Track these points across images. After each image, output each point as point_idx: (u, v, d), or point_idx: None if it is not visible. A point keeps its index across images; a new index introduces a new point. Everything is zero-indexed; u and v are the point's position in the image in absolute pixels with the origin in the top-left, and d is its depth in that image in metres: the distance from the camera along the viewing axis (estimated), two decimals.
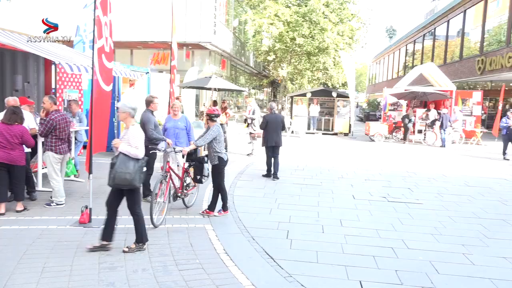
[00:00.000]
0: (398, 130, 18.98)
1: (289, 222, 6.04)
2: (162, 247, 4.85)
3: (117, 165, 4.53)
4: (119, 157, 4.59)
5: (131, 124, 4.72)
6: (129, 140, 4.62)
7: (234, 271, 4.28)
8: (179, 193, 6.23)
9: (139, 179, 4.61)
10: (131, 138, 4.63)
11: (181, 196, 6.28)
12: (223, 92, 23.87)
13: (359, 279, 4.23)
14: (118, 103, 5.09)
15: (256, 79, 39.06)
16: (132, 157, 4.59)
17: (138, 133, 4.72)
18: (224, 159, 6.22)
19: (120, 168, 4.50)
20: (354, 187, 8.62)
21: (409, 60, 40.36)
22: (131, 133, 4.66)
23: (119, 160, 4.56)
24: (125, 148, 4.59)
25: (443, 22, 31.00)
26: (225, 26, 22.57)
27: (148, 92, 12.24)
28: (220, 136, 6.16)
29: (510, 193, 8.57)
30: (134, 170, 4.54)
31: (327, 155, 13.44)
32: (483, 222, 6.38)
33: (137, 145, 4.62)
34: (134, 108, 4.73)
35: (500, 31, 23.25)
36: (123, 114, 4.72)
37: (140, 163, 4.64)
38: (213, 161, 6.16)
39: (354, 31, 23.18)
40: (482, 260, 4.87)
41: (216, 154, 6.12)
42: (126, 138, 4.66)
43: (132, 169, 4.53)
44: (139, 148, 4.63)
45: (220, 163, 6.17)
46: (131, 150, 4.58)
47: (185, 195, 6.39)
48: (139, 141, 4.65)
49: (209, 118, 6.21)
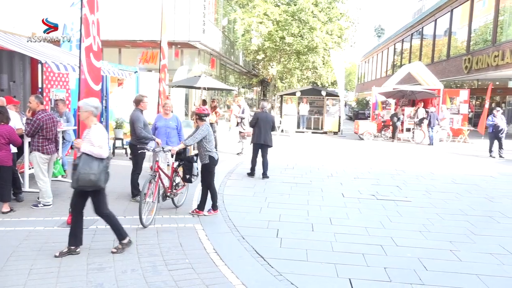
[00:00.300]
0: (387, 128, 19.15)
1: (279, 220, 6.05)
2: (152, 247, 4.82)
3: (80, 166, 4.35)
4: (81, 158, 4.40)
5: (93, 123, 4.54)
6: (91, 140, 4.44)
7: (224, 271, 4.28)
8: (169, 193, 6.18)
9: (104, 180, 4.45)
10: (93, 138, 4.44)
11: (170, 195, 6.23)
12: (212, 91, 23.80)
13: (348, 276, 4.26)
14: (79, 102, 4.93)
15: (246, 78, 39.02)
16: (96, 157, 4.41)
17: (101, 132, 4.53)
18: (215, 158, 6.20)
19: (83, 169, 4.32)
20: (344, 185, 8.67)
21: (397, 59, 40.71)
22: (93, 133, 4.48)
23: (82, 161, 4.37)
24: (87, 148, 4.40)
25: (430, 21, 31.32)
26: (214, 25, 22.50)
27: (136, 91, 12.15)
28: (210, 135, 6.13)
29: (496, 190, 8.69)
30: (99, 171, 4.38)
31: (316, 154, 13.49)
32: (470, 219, 6.47)
33: (100, 145, 4.44)
34: (96, 107, 4.55)
35: (486, 31, 23.57)
36: (85, 113, 4.51)
37: (104, 163, 4.47)
38: (204, 160, 6.12)
39: (343, 30, 23.30)
40: (469, 256, 4.93)
41: (207, 153, 6.10)
42: (88, 137, 4.47)
43: (97, 169, 4.36)
44: (102, 147, 4.44)
45: (211, 162, 6.14)
46: (94, 149, 4.39)
47: (174, 195, 6.34)
48: (102, 140, 4.48)
49: (198, 118, 6.17)
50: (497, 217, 6.68)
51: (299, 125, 21.29)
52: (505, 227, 6.15)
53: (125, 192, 7.03)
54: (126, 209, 6.24)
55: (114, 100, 11.58)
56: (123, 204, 6.46)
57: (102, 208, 4.61)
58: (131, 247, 4.70)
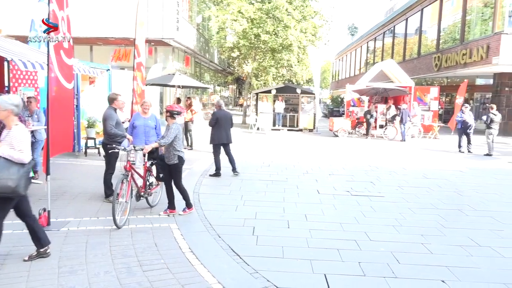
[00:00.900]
0: (361, 125, 19.47)
1: (255, 218, 6.06)
2: (126, 248, 4.73)
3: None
4: None
5: (14, 124, 4.08)
6: (11, 143, 3.98)
7: (200, 270, 4.25)
8: (142, 193, 6.08)
9: (24, 187, 4.00)
10: (14, 140, 3.99)
11: (144, 195, 6.14)
12: (187, 90, 23.59)
13: (324, 272, 4.31)
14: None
15: (221, 76, 38.88)
16: (16, 161, 3.97)
17: (23, 134, 4.07)
18: (183, 158, 6.11)
19: (1, 174, 3.87)
20: (319, 182, 8.77)
21: (370, 57, 41.44)
22: (14, 135, 4.01)
23: None
24: (6, 151, 3.93)
25: (401, 20, 32.00)
26: (188, 22, 22.30)
27: (109, 89, 11.90)
28: (180, 134, 6.03)
29: (465, 184, 8.98)
30: (18, 176, 3.93)
31: (292, 151, 13.58)
32: (440, 213, 6.66)
33: (21, 148, 3.99)
34: (17, 105, 4.09)
35: (455, 30, 24.29)
36: (4, 113, 4.03)
37: (26, 169, 4.04)
38: (172, 160, 5.97)
39: (317, 28, 23.47)
40: (440, 248, 5.08)
41: (176, 153, 5.96)
42: (8, 140, 4.01)
43: (16, 175, 3.92)
44: (23, 151, 4.01)
45: (180, 162, 6.02)
46: (14, 154, 3.94)
47: (148, 194, 6.25)
48: (24, 144, 4.02)
49: (169, 115, 6.01)
50: (466, 210, 6.90)
51: (275, 123, 21.37)
52: (473, 220, 6.36)
53: (98, 192, 6.88)
54: (99, 210, 6.11)
55: (86, 99, 11.31)
56: (96, 205, 6.32)
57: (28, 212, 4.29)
58: (104, 248, 4.60)
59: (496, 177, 9.88)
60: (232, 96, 49.45)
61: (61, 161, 9.45)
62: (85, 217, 5.73)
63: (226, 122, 9.02)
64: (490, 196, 7.90)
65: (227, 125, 9.05)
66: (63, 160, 9.60)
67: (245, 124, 23.78)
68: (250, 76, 24.51)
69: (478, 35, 21.43)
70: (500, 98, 20.61)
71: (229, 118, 9.16)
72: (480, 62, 19.83)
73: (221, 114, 9.06)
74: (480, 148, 14.63)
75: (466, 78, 22.95)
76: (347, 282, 4.12)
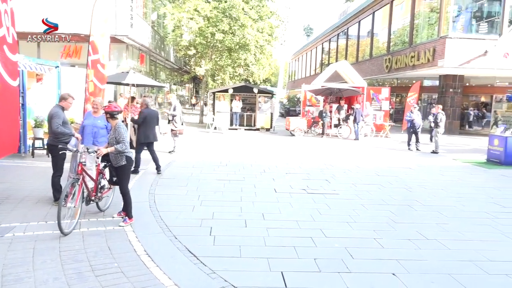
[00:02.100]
0: (316, 124, 19.88)
1: (212, 218, 6.03)
2: (77, 252, 4.54)
3: None
4: None
5: None
6: None
7: (155, 272, 4.16)
8: (93, 197, 5.73)
9: None
10: None
11: (95, 199, 5.78)
12: (142, 88, 23.04)
13: (280, 269, 4.36)
14: None
15: (177, 74, 38.30)
16: None
17: None
18: (132, 158, 5.80)
19: None
20: (276, 181, 8.86)
21: (325, 58, 42.44)
22: None
23: None
24: None
25: (354, 22, 33.03)
26: (143, 19, 21.77)
27: (58, 87, 11.38)
28: (126, 132, 5.73)
29: (414, 180, 9.41)
30: None
31: (249, 151, 13.63)
32: (391, 208, 6.94)
33: None
34: None
35: (404, 33, 25.39)
36: None
37: None
38: (120, 161, 5.59)
39: (273, 28, 23.71)
40: (391, 243, 5.29)
41: (123, 154, 5.59)
42: None
43: None
44: None
45: (128, 163, 5.68)
46: None
47: (99, 199, 5.90)
48: None
49: (109, 117, 5.59)
50: (415, 205, 7.24)
51: (232, 122, 21.36)
52: (422, 214, 6.68)
53: (46, 195, 6.55)
54: (48, 213, 5.82)
55: (33, 97, 10.73)
56: (44, 209, 6.01)
57: None
58: (53, 254, 4.39)
59: (442, 174, 10.44)
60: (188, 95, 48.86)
61: (6, 163, 8.92)
62: (32, 222, 5.44)
63: (152, 121, 9.06)
64: (436, 192, 8.34)
65: (153, 123, 9.09)
66: (8, 162, 9.06)
67: (202, 123, 23.59)
68: (207, 75, 24.34)
69: (425, 38, 22.53)
70: (445, 98, 21.80)
71: (155, 116, 9.16)
72: (427, 64, 20.87)
73: (149, 113, 9.04)
74: (427, 146, 15.38)
75: (414, 79, 24.09)
76: (303, 279, 4.19)
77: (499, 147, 12.22)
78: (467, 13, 21.01)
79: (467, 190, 8.69)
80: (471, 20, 21.02)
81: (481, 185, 9.25)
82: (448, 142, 17.69)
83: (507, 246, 5.33)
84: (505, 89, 22.22)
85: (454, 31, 20.14)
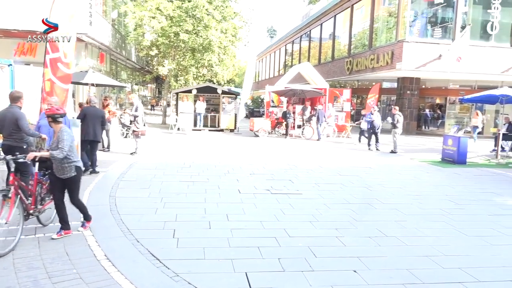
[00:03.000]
0: (280, 125, 20.06)
1: (176, 220, 5.94)
2: (32, 259, 4.34)
3: None
4: None
5: None
6: None
7: (116, 277, 4.05)
8: (31, 210, 5.00)
9: None
10: None
11: (34, 213, 5.07)
12: (102, 88, 22.38)
13: (245, 270, 4.36)
14: None
15: (139, 74, 37.51)
16: None
17: None
18: (82, 168, 5.26)
19: None
20: (240, 182, 8.86)
21: (288, 59, 42.92)
22: None
23: None
24: None
25: (317, 25, 33.63)
26: (102, 17, 21.14)
27: (11, 86, 10.83)
28: (73, 141, 5.09)
29: (374, 179, 9.70)
30: None
31: (213, 152, 13.56)
32: (352, 207, 7.11)
33: None
34: None
35: (364, 36, 26.14)
36: None
37: None
38: (68, 173, 4.98)
39: (237, 29, 23.71)
40: (352, 241, 5.42)
41: (71, 164, 4.99)
42: None
43: None
44: None
45: (78, 174, 5.10)
46: None
47: (39, 212, 5.21)
48: None
49: (52, 121, 4.97)
50: (375, 203, 7.46)
51: (196, 123, 21.16)
52: (381, 212, 6.89)
53: None
54: None
55: None
56: None
57: None
58: (5, 262, 4.18)
59: (400, 173, 10.83)
60: (151, 95, 47.97)
61: None
62: None
63: (94, 119, 8.93)
64: (395, 190, 8.63)
65: (95, 122, 8.94)
66: None
67: (165, 124, 23.22)
68: (170, 76, 23.99)
69: (384, 42, 23.30)
70: (403, 100, 22.62)
71: (99, 115, 9.01)
72: (386, 67, 21.58)
73: (90, 111, 8.93)
74: (387, 146, 15.90)
75: (374, 81, 24.83)
76: (268, 279, 4.21)
77: (452, 146, 12.82)
78: (422, 18, 21.93)
79: (424, 188, 9.06)
80: (426, 25, 21.95)
81: (437, 183, 9.67)
82: (406, 142, 18.36)
83: (460, 241, 5.60)
84: (458, 91, 23.40)
85: (411, 35, 20.94)
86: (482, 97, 14.66)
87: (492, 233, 6.00)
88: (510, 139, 14.43)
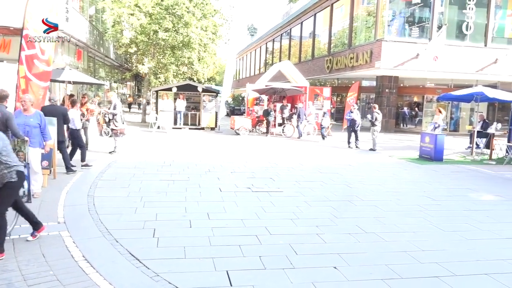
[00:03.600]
0: (261, 123, 20.09)
1: (156, 220, 5.88)
2: (6, 261, 4.22)
3: None
4: None
5: None
6: None
7: (95, 278, 3.98)
8: None
9: None
10: None
11: None
12: (80, 86, 21.94)
13: (226, 269, 4.35)
14: None
15: (118, 72, 36.93)
16: None
17: None
18: (24, 173, 4.76)
19: None
20: (221, 180, 8.83)
21: (269, 58, 42.99)
22: None
23: None
24: None
25: (297, 23, 33.78)
26: (79, 13, 20.71)
27: None
28: (8, 145, 4.51)
29: (354, 177, 9.82)
30: None
31: (194, 150, 13.48)
32: (332, 204, 7.18)
33: None
34: None
35: (344, 35, 26.40)
36: None
37: None
38: (9, 178, 4.41)
39: (217, 27, 23.60)
40: (332, 237, 5.47)
41: (10, 170, 4.42)
42: None
43: None
44: None
45: (20, 179, 4.58)
46: None
47: None
48: None
49: None
50: (354, 200, 7.55)
51: (176, 121, 20.98)
52: (361, 209, 6.98)
53: None
54: None
55: None
56: None
57: None
58: None
59: (379, 170, 11.00)
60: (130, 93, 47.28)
61: None
62: None
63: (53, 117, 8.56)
64: (374, 187, 8.76)
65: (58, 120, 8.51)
66: None
67: (145, 122, 22.95)
68: (149, 74, 23.70)
69: (363, 41, 23.59)
70: (382, 98, 22.95)
71: (59, 113, 8.57)
72: (365, 65, 21.87)
73: (48, 109, 8.50)
74: (366, 144, 16.12)
75: (354, 80, 25.11)
76: (249, 277, 4.21)
77: (429, 144, 13.10)
78: (400, 17, 22.30)
79: (402, 185, 9.23)
80: (404, 25, 22.33)
81: (414, 180, 9.86)
82: (385, 140, 18.64)
83: (437, 236, 5.73)
84: (435, 90, 23.89)
85: (389, 34, 21.27)
86: (458, 96, 15.01)
87: (467, 228, 6.16)
88: (484, 136, 14.82)
